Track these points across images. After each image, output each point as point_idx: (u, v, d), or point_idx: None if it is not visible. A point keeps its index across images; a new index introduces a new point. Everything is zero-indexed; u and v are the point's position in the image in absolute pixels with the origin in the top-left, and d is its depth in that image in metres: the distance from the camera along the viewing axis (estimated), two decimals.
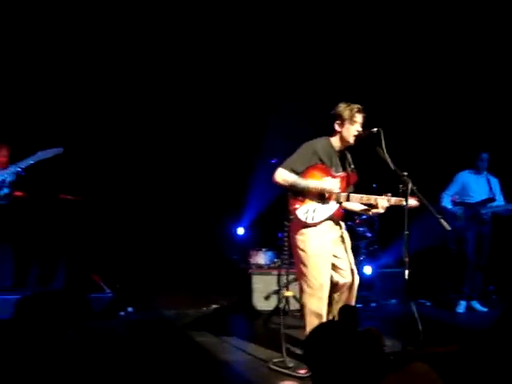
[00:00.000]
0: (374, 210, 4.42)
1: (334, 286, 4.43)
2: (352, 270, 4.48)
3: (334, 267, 4.43)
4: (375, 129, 4.26)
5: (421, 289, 7.01)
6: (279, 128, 7.73)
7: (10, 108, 7.14)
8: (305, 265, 4.36)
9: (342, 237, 4.54)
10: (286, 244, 6.51)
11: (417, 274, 4.16)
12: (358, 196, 4.43)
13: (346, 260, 4.49)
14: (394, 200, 4.33)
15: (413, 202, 4.19)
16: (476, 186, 6.94)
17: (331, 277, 4.41)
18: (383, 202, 4.34)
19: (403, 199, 4.12)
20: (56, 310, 5.05)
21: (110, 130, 8.01)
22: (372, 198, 4.40)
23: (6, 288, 6.39)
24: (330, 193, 4.32)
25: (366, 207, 4.49)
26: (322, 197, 4.35)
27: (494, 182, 6.96)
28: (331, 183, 4.33)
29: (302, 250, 4.37)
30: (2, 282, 6.49)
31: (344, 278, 4.43)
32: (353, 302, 4.51)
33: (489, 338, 2.67)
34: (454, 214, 6.82)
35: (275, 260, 7.05)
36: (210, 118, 8.46)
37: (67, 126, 7.51)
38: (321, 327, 2.45)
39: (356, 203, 4.47)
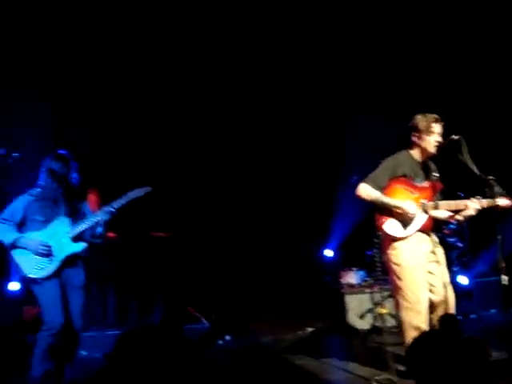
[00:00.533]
0: (464, 213, 4.32)
1: (429, 306, 4.32)
2: (446, 286, 4.35)
3: (429, 285, 4.33)
4: (455, 136, 4.21)
5: None
6: (361, 146, 7.72)
7: (98, 152, 7.52)
8: (400, 279, 4.32)
9: (433, 251, 4.43)
10: (377, 261, 6.50)
11: None
12: (446, 202, 4.36)
13: (439, 276, 4.38)
14: (485, 202, 4.21)
15: (505, 201, 4.09)
16: None
17: None
18: (474, 205, 4.24)
19: (495, 199, 4.04)
20: (155, 344, 5.22)
21: (194, 165, 8.26)
22: (461, 204, 4.31)
23: (110, 325, 6.71)
24: (410, 216, 4.29)
25: (452, 214, 4.40)
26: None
27: None
28: (412, 208, 4.28)
29: (396, 264, 4.33)
30: (104, 320, 6.82)
31: (436, 295, 4.32)
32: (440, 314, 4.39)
33: None
34: None
35: (366, 278, 7.01)
36: (293, 142, 8.56)
37: (151, 164, 7.81)
38: (423, 337, 2.43)
39: (442, 211, 4.39)
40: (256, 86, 8.27)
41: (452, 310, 4.35)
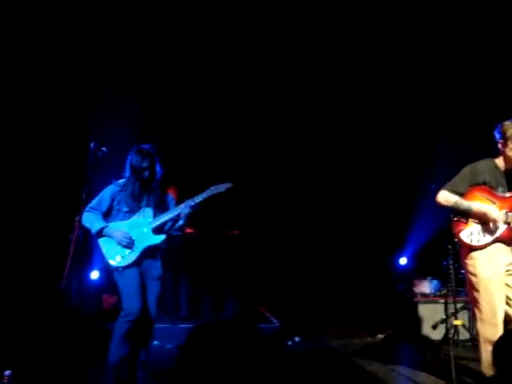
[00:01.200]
0: None
1: (508, 322, 4.19)
2: None
3: (507, 298, 4.22)
4: None
5: None
6: (441, 153, 7.59)
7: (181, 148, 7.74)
8: (476, 290, 4.22)
9: None
10: (452, 271, 6.35)
11: None
12: None
13: None
14: None
15: None
16: None
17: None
18: None
19: None
20: (227, 339, 5.32)
21: (277, 166, 8.36)
22: None
23: (182, 318, 6.88)
24: (494, 222, 4.18)
25: None
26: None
27: None
28: (495, 212, 4.18)
29: (473, 275, 4.24)
30: (178, 313, 7.00)
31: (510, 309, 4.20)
32: None
33: None
34: None
35: (440, 288, 6.87)
36: (375, 148, 8.51)
37: (231, 162, 7.95)
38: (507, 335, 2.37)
39: None
40: (349, 92, 8.29)
41: None
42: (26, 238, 7.00)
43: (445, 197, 4.31)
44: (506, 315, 4.19)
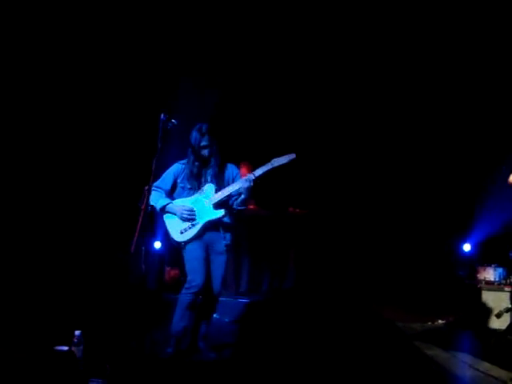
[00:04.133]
0: None
1: None
2: None
3: None
4: None
5: None
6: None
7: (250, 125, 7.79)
8: None
9: None
10: None
11: None
12: None
13: None
14: None
15: None
16: None
17: None
18: None
19: None
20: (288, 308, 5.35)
21: (337, 147, 8.30)
22: None
23: (242, 293, 6.97)
24: None
25: None
26: None
27: None
28: None
29: None
30: (238, 287, 7.09)
31: None
32: None
33: None
34: None
35: (506, 277, 6.68)
36: (443, 132, 8.31)
37: (294, 136, 7.93)
38: None
39: None
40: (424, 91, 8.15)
41: None
42: (99, 205, 7.27)
43: None
44: None
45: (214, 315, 5.14)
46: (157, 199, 4.68)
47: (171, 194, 4.79)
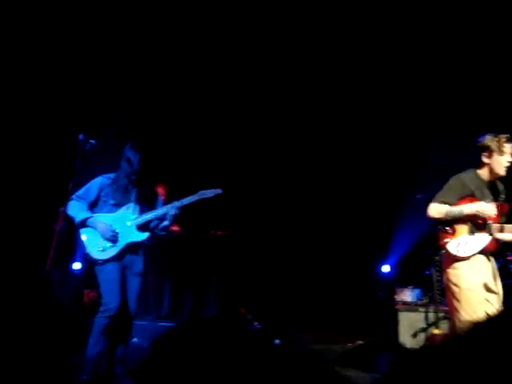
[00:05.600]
0: None
1: None
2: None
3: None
4: None
5: None
6: (427, 164, 7.63)
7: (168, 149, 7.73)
8: (458, 300, 4.25)
9: (494, 275, 4.35)
10: (434, 281, 6.39)
11: None
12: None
13: (500, 296, 4.32)
14: None
15: None
16: None
17: None
18: None
19: None
20: (208, 338, 5.29)
21: (257, 168, 8.37)
22: None
23: (163, 317, 6.84)
24: (488, 216, 4.20)
25: None
26: (473, 229, 4.27)
27: None
28: (487, 206, 4.22)
29: (455, 285, 4.27)
30: (159, 311, 6.96)
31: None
32: None
33: None
34: None
35: (422, 297, 6.90)
36: (361, 154, 8.55)
37: (218, 165, 7.96)
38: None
39: (508, 233, 4.31)
40: (334, 100, 8.34)
41: None
42: (11, 227, 6.97)
43: (436, 209, 4.32)
44: None
45: (134, 339, 5.02)
46: (77, 211, 4.54)
47: (93, 207, 4.68)
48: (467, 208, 4.23)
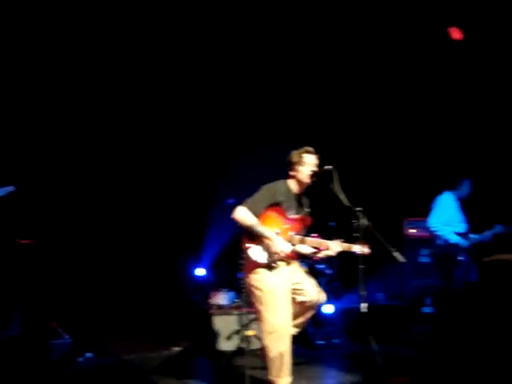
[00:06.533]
0: (323, 253, 4.54)
1: (300, 304, 4.49)
2: (316, 289, 4.56)
3: (297, 291, 4.47)
4: (328, 166, 4.44)
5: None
6: (237, 169, 7.82)
7: None
8: (261, 303, 4.38)
9: (292, 271, 4.57)
10: (244, 284, 6.56)
11: None
12: (311, 240, 4.55)
13: (307, 282, 4.56)
14: (345, 246, 4.48)
15: (361, 249, 4.36)
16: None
17: (295, 298, 4.46)
18: (335, 247, 4.48)
19: (353, 245, 4.40)
20: (14, 358, 4.89)
21: (63, 170, 7.98)
22: (324, 243, 4.52)
23: None
24: (275, 252, 4.35)
25: (315, 250, 4.60)
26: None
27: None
28: (283, 245, 4.37)
29: (258, 289, 4.40)
30: None
31: (307, 296, 4.49)
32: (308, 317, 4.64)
33: None
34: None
35: (236, 300, 7.03)
36: (168, 158, 8.50)
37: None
38: None
39: (307, 246, 4.58)
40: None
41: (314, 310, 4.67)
42: None
43: (243, 215, 4.35)
44: (298, 302, 4.49)
45: None
46: None
47: None
48: (268, 233, 4.34)
